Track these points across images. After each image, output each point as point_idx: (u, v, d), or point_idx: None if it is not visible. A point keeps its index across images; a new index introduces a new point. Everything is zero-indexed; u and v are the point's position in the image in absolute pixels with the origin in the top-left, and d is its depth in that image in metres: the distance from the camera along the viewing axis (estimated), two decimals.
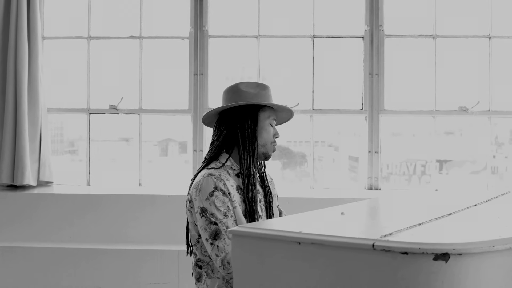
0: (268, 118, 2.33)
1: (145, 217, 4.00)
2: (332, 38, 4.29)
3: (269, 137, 2.33)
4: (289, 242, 1.50)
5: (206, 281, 2.26)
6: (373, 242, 1.37)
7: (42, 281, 3.85)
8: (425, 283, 1.33)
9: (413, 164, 4.83)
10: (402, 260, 1.34)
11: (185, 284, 3.74)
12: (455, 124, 4.64)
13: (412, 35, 4.27)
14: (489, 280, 1.37)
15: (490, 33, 4.25)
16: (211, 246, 2.13)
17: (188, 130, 4.33)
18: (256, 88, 2.35)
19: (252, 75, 4.30)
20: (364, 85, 4.23)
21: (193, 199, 2.20)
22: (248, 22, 4.30)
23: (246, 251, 1.58)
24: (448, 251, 1.32)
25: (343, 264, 1.41)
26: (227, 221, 2.13)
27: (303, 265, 1.48)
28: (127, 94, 4.35)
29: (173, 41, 4.37)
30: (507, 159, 4.60)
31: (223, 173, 2.24)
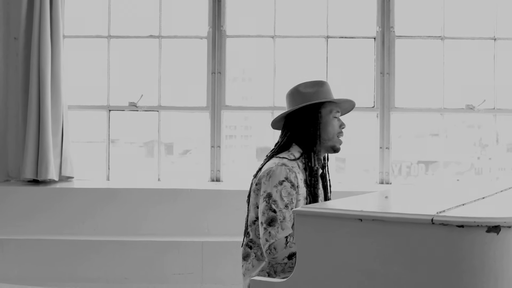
0: (330, 113, 2.47)
1: (166, 210, 4.14)
2: (345, 38, 4.47)
3: (334, 130, 2.47)
4: (351, 219, 1.66)
5: (252, 261, 2.42)
6: (432, 217, 1.54)
7: (69, 272, 3.97)
8: (479, 253, 1.50)
9: (398, 165, 4.99)
10: (458, 233, 1.51)
11: (208, 274, 3.89)
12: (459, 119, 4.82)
13: (422, 36, 4.46)
14: None
15: (495, 35, 4.45)
16: (264, 231, 2.28)
17: (206, 127, 4.48)
18: (314, 86, 2.48)
19: (268, 74, 4.46)
20: (376, 83, 4.42)
21: (262, 182, 2.34)
22: (265, 23, 4.47)
23: (309, 230, 1.73)
24: (500, 223, 1.50)
25: (403, 238, 1.57)
26: (285, 212, 2.28)
27: (364, 240, 1.64)
28: (146, 91, 4.49)
29: (192, 40, 4.53)
30: (491, 160, 4.78)
31: (295, 165, 2.39)
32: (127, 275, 3.94)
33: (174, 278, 3.91)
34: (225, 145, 4.56)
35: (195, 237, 4.01)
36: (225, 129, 4.51)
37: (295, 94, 2.49)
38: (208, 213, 4.11)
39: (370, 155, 4.50)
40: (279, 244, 2.24)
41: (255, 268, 2.42)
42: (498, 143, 4.65)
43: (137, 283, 3.91)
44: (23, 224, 4.14)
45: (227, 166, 4.55)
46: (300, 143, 2.46)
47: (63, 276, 3.97)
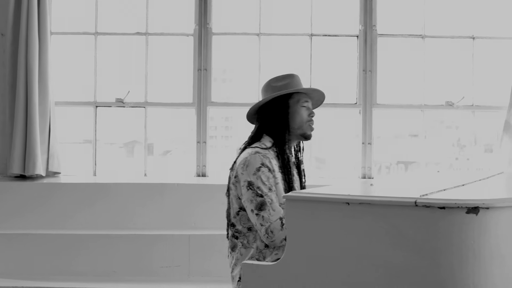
0: (298, 102, 2.58)
1: (153, 204, 4.20)
2: (329, 36, 4.58)
3: (302, 118, 2.58)
4: (338, 203, 1.75)
5: (240, 250, 2.50)
6: (415, 199, 1.63)
7: (58, 267, 4.02)
8: (459, 232, 1.60)
9: (378, 165, 5.09)
10: (440, 214, 1.61)
11: (195, 266, 3.97)
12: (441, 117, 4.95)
13: (403, 35, 4.59)
14: (508, 229, 1.65)
15: (474, 34, 4.58)
16: (256, 217, 2.37)
17: (192, 123, 4.55)
18: (284, 79, 2.61)
19: (253, 71, 4.55)
20: (358, 80, 4.53)
21: (240, 174, 2.43)
22: (250, 20, 4.56)
23: (300, 214, 1.82)
24: (478, 205, 1.60)
25: (388, 220, 1.67)
26: (271, 195, 2.38)
27: (351, 223, 1.73)
28: (133, 88, 4.55)
29: (178, 38, 4.60)
30: (469, 161, 4.92)
31: (268, 153, 2.49)
32: (116, 269, 4.00)
33: (162, 270, 3.98)
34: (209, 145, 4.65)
35: (182, 231, 4.09)
36: (209, 127, 4.59)
37: (267, 88, 2.62)
38: (194, 207, 4.18)
39: (353, 150, 4.60)
40: (275, 226, 2.33)
41: (243, 256, 2.50)
42: (476, 143, 4.79)
43: (126, 276, 3.97)
44: (11, 219, 4.18)
45: (210, 165, 4.62)
46: (271, 133, 2.57)
47: (52, 270, 4.02)
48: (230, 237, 2.56)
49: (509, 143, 4.40)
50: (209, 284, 3.84)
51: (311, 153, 4.56)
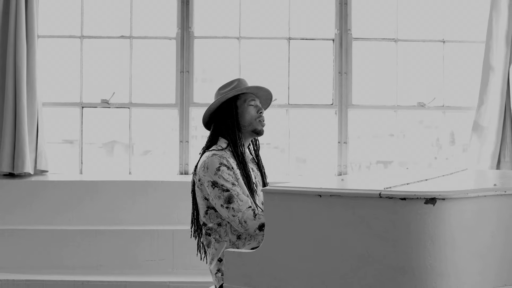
0: (245, 102, 2.77)
1: (138, 201, 4.38)
2: (306, 40, 4.77)
3: (251, 116, 2.77)
4: (311, 195, 1.94)
5: (214, 245, 2.68)
6: (379, 191, 1.83)
7: (46, 261, 4.17)
8: (418, 221, 1.80)
9: (357, 165, 5.24)
10: (401, 204, 1.80)
11: (179, 260, 4.14)
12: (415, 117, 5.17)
13: (377, 39, 4.80)
14: (462, 218, 1.85)
15: (444, 38, 4.82)
16: (226, 210, 2.55)
17: (175, 123, 4.73)
18: (230, 84, 2.80)
19: (234, 73, 4.74)
20: (334, 82, 4.73)
21: (202, 176, 2.61)
22: (230, 25, 4.74)
23: (276, 205, 2.00)
24: (435, 196, 1.80)
25: (356, 210, 1.86)
26: (236, 188, 2.57)
27: (323, 214, 1.92)
28: (118, 89, 4.71)
29: (161, 41, 4.77)
30: (447, 160, 5.14)
31: (224, 153, 2.67)
32: (102, 262, 4.16)
33: (147, 264, 4.15)
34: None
35: (166, 226, 4.26)
36: (191, 125, 4.77)
37: (216, 95, 2.82)
38: (178, 204, 4.35)
39: (330, 149, 4.80)
40: (248, 216, 2.51)
41: (218, 251, 2.68)
42: (454, 143, 5.02)
43: (112, 269, 4.13)
44: (1, 215, 4.33)
45: (192, 163, 4.79)
46: (224, 135, 2.75)
47: (41, 264, 4.16)
48: (204, 235, 2.73)
49: (477, 142, 4.64)
50: (192, 277, 4.01)
51: (289, 154, 4.76)
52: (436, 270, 1.80)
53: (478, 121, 4.65)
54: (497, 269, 1.94)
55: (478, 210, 1.89)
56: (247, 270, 2.07)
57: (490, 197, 1.93)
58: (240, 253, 2.10)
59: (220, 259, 2.65)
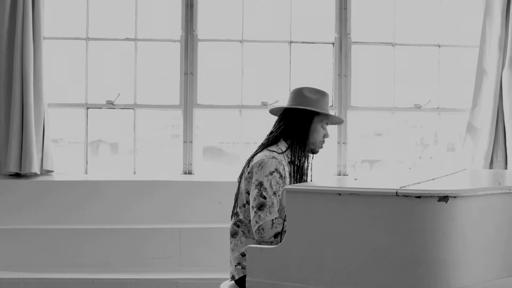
0: (320, 122, 2.88)
1: (144, 200, 4.49)
2: (307, 43, 4.91)
3: (318, 137, 2.89)
4: (331, 194, 2.07)
5: (241, 239, 2.81)
6: (396, 190, 1.97)
7: (55, 259, 4.25)
8: (432, 217, 1.94)
9: (353, 163, 5.33)
10: (416, 202, 1.94)
11: (186, 257, 4.26)
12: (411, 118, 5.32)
13: (375, 43, 4.95)
14: (471, 215, 1.99)
15: (440, 43, 4.98)
16: (254, 214, 2.67)
17: (179, 124, 4.85)
18: (317, 94, 2.88)
19: (237, 75, 4.86)
20: (334, 85, 4.88)
21: (254, 172, 2.73)
22: (234, 28, 4.86)
23: (298, 204, 2.13)
24: (448, 194, 1.94)
25: (374, 207, 1.99)
26: (274, 199, 2.68)
27: (342, 211, 2.04)
28: (123, 90, 4.82)
29: (166, 43, 4.88)
30: (432, 159, 5.30)
31: (283, 159, 2.79)
32: (110, 261, 4.26)
33: (154, 262, 4.26)
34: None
35: (173, 224, 4.38)
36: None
37: (298, 93, 2.89)
38: (183, 203, 4.48)
39: (329, 149, 4.93)
40: (266, 225, 2.64)
41: (243, 244, 2.80)
42: (437, 143, 5.18)
43: (119, 267, 4.23)
44: (9, 215, 4.42)
45: (196, 163, 4.91)
46: (288, 139, 2.87)
47: (49, 263, 4.25)
48: (232, 224, 2.86)
49: (471, 143, 4.80)
50: (199, 274, 4.12)
51: None
52: (449, 262, 1.93)
53: (472, 122, 4.81)
54: (502, 261, 2.09)
55: (485, 207, 2.04)
56: (269, 264, 2.19)
57: (496, 195, 2.07)
58: (262, 249, 2.22)
59: (243, 254, 2.77)
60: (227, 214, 3.07)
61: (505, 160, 4.75)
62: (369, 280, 1.98)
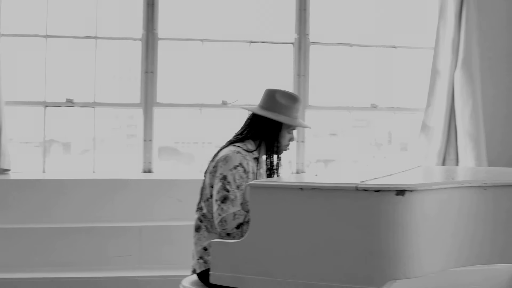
0: (287, 128, 2.95)
1: (104, 199, 4.47)
2: (266, 43, 4.99)
3: (284, 142, 2.96)
4: (294, 189, 2.14)
5: (203, 233, 2.85)
6: (356, 185, 2.05)
7: (13, 259, 4.18)
8: (390, 211, 2.02)
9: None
10: (375, 196, 2.02)
11: (146, 255, 4.27)
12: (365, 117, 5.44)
13: (333, 43, 5.06)
14: (428, 208, 2.09)
15: (395, 44, 5.13)
16: (217, 206, 2.72)
17: (135, 123, 4.85)
18: (288, 100, 2.93)
19: (197, 74, 4.90)
20: (294, 84, 4.96)
21: (219, 166, 2.78)
22: (194, 27, 4.90)
23: (261, 198, 2.19)
24: (405, 188, 2.02)
25: (335, 201, 2.06)
26: (237, 192, 2.73)
27: (304, 205, 2.12)
28: (82, 89, 4.80)
29: (126, 42, 4.88)
30: (385, 159, 5.44)
31: (248, 155, 2.86)
32: (70, 260, 4.22)
33: (114, 260, 4.26)
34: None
35: (133, 223, 4.38)
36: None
37: (271, 96, 2.94)
38: (143, 201, 4.48)
39: None
40: (228, 217, 2.69)
41: (205, 239, 2.85)
42: (391, 142, 5.33)
43: (79, 266, 4.20)
44: None
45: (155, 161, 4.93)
46: (257, 141, 2.93)
47: (7, 263, 4.17)
48: (196, 219, 2.91)
49: (425, 141, 4.95)
50: (159, 271, 4.14)
51: None
52: (406, 253, 2.02)
53: (426, 121, 4.96)
54: (455, 252, 2.20)
55: (439, 200, 2.14)
56: (233, 258, 2.25)
57: (449, 189, 2.18)
58: (226, 243, 2.27)
59: (206, 248, 2.82)
60: (187, 212, 3.11)
61: (457, 157, 4.92)
62: (331, 271, 2.05)
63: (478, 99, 4.82)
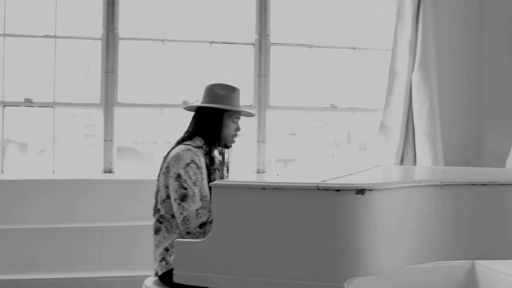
0: (230, 117, 2.99)
1: (64, 199, 4.43)
2: (227, 44, 5.01)
3: (229, 132, 3.00)
4: (256, 188, 2.17)
5: (163, 234, 2.87)
6: (317, 184, 2.09)
7: None
8: (350, 209, 2.07)
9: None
10: (336, 195, 2.07)
11: (108, 256, 4.25)
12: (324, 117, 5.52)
13: (293, 44, 5.12)
14: (387, 206, 2.15)
15: (354, 45, 5.21)
16: (177, 206, 2.74)
17: (100, 122, 4.82)
18: (226, 90, 2.99)
19: (158, 74, 4.89)
20: (254, 85, 5.00)
21: (171, 166, 2.80)
22: (155, 27, 4.89)
23: (224, 199, 2.21)
24: (365, 187, 2.08)
25: (297, 200, 2.11)
26: (194, 189, 2.76)
27: (266, 204, 2.15)
28: (42, 88, 4.74)
29: (87, 41, 4.84)
30: (344, 158, 5.53)
31: (199, 151, 2.88)
32: (30, 261, 4.18)
33: (76, 261, 4.23)
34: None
35: (95, 223, 4.36)
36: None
37: (209, 90, 3.01)
38: (104, 201, 4.46)
39: (249, 148, 5.06)
40: (191, 215, 2.72)
41: (166, 240, 2.87)
42: (350, 142, 5.42)
43: (39, 267, 4.15)
44: None
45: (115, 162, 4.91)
46: (202, 136, 2.97)
47: None
48: (155, 221, 2.92)
49: (383, 141, 5.05)
50: (121, 272, 4.13)
51: None
52: (366, 250, 2.07)
53: (384, 122, 5.06)
54: (411, 248, 2.27)
55: (398, 199, 2.20)
56: (196, 257, 2.26)
57: (407, 188, 2.24)
58: (190, 242, 2.29)
59: (167, 249, 2.83)
60: (148, 212, 3.11)
61: (414, 157, 5.02)
62: (293, 269, 2.09)
63: (435, 100, 4.94)
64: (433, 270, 4.44)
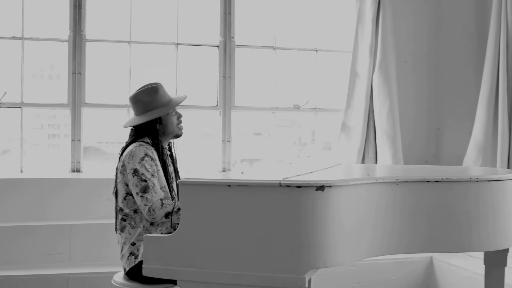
0: (168, 115, 3.11)
1: (32, 198, 4.49)
2: (193, 46, 5.12)
3: (173, 125, 3.14)
4: (222, 185, 2.30)
5: (129, 231, 2.97)
6: (279, 181, 2.22)
7: None
8: (311, 205, 2.21)
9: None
10: (297, 192, 2.20)
11: (76, 253, 4.32)
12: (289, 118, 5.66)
13: (257, 46, 5.25)
14: (345, 202, 2.29)
15: (317, 47, 5.37)
16: (141, 198, 2.85)
17: (67, 122, 4.88)
18: (150, 94, 3.08)
19: (124, 75, 4.97)
20: (219, 86, 5.12)
21: (126, 163, 2.92)
22: (122, 29, 4.97)
23: (191, 195, 2.33)
24: (324, 184, 2.22)
25: (260, 197, 2.23)
26: (153, 180, 2.88)
27: (231, 201, 2.28)
28: (10, 89, 4.78)
29: (54, 43, 4.89)
30: (309, 157, 5.69)
31: (150, 146, 3.00)
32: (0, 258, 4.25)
33: (44, 258, 4.29)
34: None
35: (63, 221, 4.42)
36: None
37: (136, 103, 3.09)
38: (72, 200, 4.53)
39: (215, 147, 5.17)
40: (156, 206, 2.83)
41: (132, 235, 2.97)
42: (314, 142, 5.58)
43: (7, 265, 4.21)
44: None
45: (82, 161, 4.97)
46: (149, 136, 3.08)
47: None
48: (119, 221, 3.01)
49: (345, 141, 5.22)
50: (90, 268, 4.20)
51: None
52: (325, 244, 2.21)
53: (346, 122, 5.23)
54: (370, 242, 2.42)
55: (356, 195, 2.35)
56: (165, 252, 2.38)
57: (365, 185, 2.39)
58: (158, 237, 2.40)
59: (134, 243, 2.93)
60: None
61: (375, 156, 5.20)
62: (257, 262, 2.22)
63: (395, 100, 5.11)
64: (393, 266, 4.61)
